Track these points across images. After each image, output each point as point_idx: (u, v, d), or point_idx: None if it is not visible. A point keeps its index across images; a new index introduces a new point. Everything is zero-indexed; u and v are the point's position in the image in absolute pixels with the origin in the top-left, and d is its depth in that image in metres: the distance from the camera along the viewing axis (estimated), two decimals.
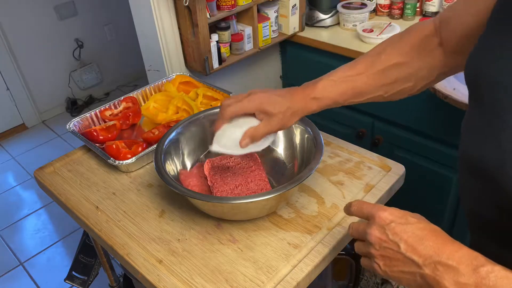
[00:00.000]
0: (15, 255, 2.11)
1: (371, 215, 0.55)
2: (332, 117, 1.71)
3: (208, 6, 1.36)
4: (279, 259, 0.72)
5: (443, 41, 0.68)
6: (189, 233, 0.79)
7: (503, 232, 0.52)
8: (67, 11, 2.95)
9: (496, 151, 0.47)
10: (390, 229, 0.52)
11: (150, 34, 1.42)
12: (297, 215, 0.80)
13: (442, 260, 0.47)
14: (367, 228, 0.55)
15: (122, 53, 3.27)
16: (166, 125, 1.03)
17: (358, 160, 0.92)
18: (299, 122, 0.87)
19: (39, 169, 0.99)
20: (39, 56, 2.93)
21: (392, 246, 0.52)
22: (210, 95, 1.12)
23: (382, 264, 0.54)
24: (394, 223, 0.52)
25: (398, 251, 0.51)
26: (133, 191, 0.90)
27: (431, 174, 1.46)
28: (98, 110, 1.10)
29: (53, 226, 2.26)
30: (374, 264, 0.55)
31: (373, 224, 0.54)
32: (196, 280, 0.70)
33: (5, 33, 2.74)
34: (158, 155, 0.81)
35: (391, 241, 0.52)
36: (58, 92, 3.12)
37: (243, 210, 0.76)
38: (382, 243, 0.53)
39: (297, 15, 1.63)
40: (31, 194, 2.48)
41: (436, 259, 0.48)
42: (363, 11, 1.59)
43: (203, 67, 1.43)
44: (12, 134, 3.01)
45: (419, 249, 0.49)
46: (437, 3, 1.56)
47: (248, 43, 1.54)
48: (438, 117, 1.38)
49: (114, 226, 0.82)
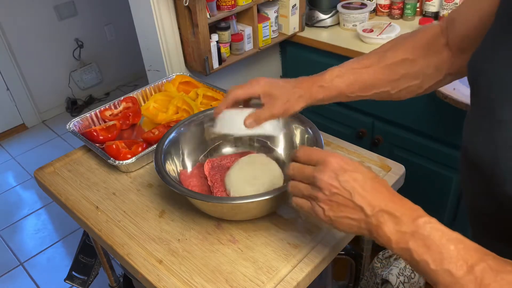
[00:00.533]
0: (15, 255, 2.11)
1: (321, 160, 0.55)
2: (332, 117, 1.71)
3: (208, 6, 1.36)
4: (279, 259, 0.72)
5: (449, 40, 0.69)
6: (189, 233, 0.79)
7: (500, 224, 0.53)
8: (67, 11, 2.95)
9: (490, 145, 0.48)
10: (342, 176, 0.53)
11: (150, 34, 1.42)
12: (297, 215, 0.80)
13: (389, 210, 0.51)
14: (316, 172, 0.55)
15: (122, 53, 3.27)
16: (166, 125, 1.03)
17: (358, 160, 0.92)
18: (299, 122, 0.87)
19: (39, 169, 0.99)
20: (39, 56, 2.93)
21: (343, 193, 0.53)
22: (210, 95, 1.12)
23: (328, 209, 0.55)
24: (346, 171, 0.54)
25: (349, 199, 0.53)
26: (133, 191, 0.90)
27: (431, 174, 1.46)
28: (98, 110, 1.10)
29: (53, 226, 2.26)
30: (317, 208, 0.56)
31: (324, 169, 0.54)
32: (196, 280, 0.70)
33: (5, 33, 2.74)
34: (158, 155, 0.81)
35: (342, 188, 0.53)
36: (58, 92, 3.12)
37: (243, 210, 0.76)
38: (332, 189, 0.53)
39: (297, 15, 1.63)
40: (31, 194, 2.48)
41: (384, 209, 0.51)
42: (363, 11, 1.59)
43: (203, 67, 1.43)
44: (12, 134, 3.01)
45: (370, 198, 0.52)
46: (437, 3, 1.56)
47: (248, 43, 1.54)
48: (438, 117, 1.38)
49: (114, 226, 0.82)
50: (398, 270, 0.77)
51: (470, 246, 0.47)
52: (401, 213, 0.50)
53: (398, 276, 0.76)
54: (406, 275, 0.77)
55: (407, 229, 0.49)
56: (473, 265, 0.45)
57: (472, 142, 0.53)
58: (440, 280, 0.46)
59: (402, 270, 0.78)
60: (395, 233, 0.50)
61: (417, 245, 0.48)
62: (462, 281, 0.45)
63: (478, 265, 0.44)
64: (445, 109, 1.27)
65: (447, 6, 1.52)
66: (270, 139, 0.92)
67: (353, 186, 0.53)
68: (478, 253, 0.46)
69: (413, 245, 0.48)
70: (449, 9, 1.52)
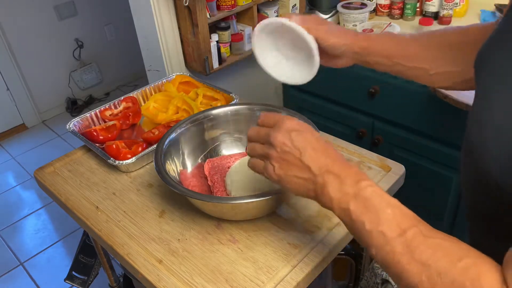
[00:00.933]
0: (15, 255, 2.11)
1: (279, 121, 0.59)
2: (332, 117, 1.71)
3: (208, 6, 1.36)
4: (279, 259, 0.72)
5: None
6: (189, 233, 0.79)
7: (499, 224, 0.54)
8: (67, 11, 2.95)
9: (479, 130, 0.51)
10: (294, 136, 0.56)
11: (150, 34, 1.42)
12: (297, 215, 0.80)
13: (334, 171, 0.54)
14: (271, 131, 0.58)
15: (122, 53, 3.27)
16: (166, 125, 1.03)
17: (358, 160, 0.92)
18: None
19: (39, 169, 0.99)
20: (39, 56, 2.93)
21: (294, 152, 0.56)
22: (210, 95, 1.12)
23: (278, 167, 0.58)
24: (299, 132, 0.57)
25: (298, 158, 0.56)
26: (133, 191, 0.90)
27: (431, 174, 1.46)
28: (98, 110, 1.10)
29: (53, 226, 2.26)
30: (268, 166, 0.59)
31: (278, 129, 0.58)
32: (196, 280, 0.70)
33: (5, 33, 2.74)
34: (158, 155, 0.81)
35: (294, 147, 0.56)
36: (58, 92, 3.12)
37: (243, 210, 0.76)
38: (284, 147, 0.56)
39: None
40: (31, 194, 2.48)
41: (330, 169, 0.54)
42: (363, 11, 1.59)
43: (203, 67, 1.43)
44: (12, 134, 3.01)
45: (318, 159, 0.55)
46: (437, 3, 1.56)
47: (248, 43, 1.54)
48: (438, 117, 1.38)
49: (114, 226, 0.82)
50: None
51: (406, 212, 0.50)
52: (345, 174, 0.53)
53: None
54: None
55: (349, 190, 0.52)
56: (406, 229, 0.48)
57: (469, 133, 0.54)
58: (373, 242, 0.49)
59: None
60: (338, 193, 0.52)
61: (357, 206, 0.51)
62: (392, 242, 0.48)
63: (410, 229, 0.47)
64: (445, 109, 1.27)
65: (447, 6, 1.52)
66: None
67: (303, 146, 0.55)
68: (412, 220, 0.49)
69: (353, 206, 0.51)
70: (449, 9, 1.52)
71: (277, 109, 0.90)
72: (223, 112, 0.93)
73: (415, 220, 0.49)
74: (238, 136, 0.94)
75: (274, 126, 0.59)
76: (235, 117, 0.93)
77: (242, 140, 0.95)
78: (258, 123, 0.63)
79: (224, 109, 0.93)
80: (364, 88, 1.52)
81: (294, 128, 0.57)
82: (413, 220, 0.49)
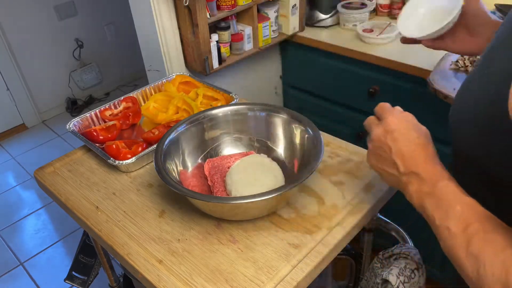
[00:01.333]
0: (15, 255, 2.11)
1: (383, 117, 0.65)
2: (332, 117, 1.71)
3: (208, 6, 1.36)
4: (279, 259, 0.72)
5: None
6: (189, 233, 0.79)
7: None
8: (67, 11, 2.95)
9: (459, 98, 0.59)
10: (391, 135, 0.62)
11: (150, 34, 1.42)
12: (297, 215, 0.80)
13: (418, 172, 0.59)
14: (374, 125, 0.66)
15: (122, 53, 3.28)
16: (166, 125, 1.03)
17: (358, 160, 0.92)
18: (299, 122, 0.87)
19: (39, 169, 0.99)
20: (39, 56, 2.93)
21: (386, 149, 0.62)
22: (210, 95, 1.12)
23: (371, 157, 0.66)
24: (397, 132, 0.62)
25: (388, 155, 0.62)
26: (133, 191, 0.90)
27: None
28: (98, 110, 1.10)
29: (53, 226, 2.26)
30: (368, 152, 0.67)
31: (380, 125, 0.65)
32: (196, 280, 0.70)
33: (5, 33, 2.75)
34: (158, 155, 0.81)
35: (387, 145, 0.62)
36: (58, 92, 3.12)
37: (243, 210, 0.76)
38: (379, 143, 0.64)
39: (297, 15, 1.63)
40: (31, 194, 2.48)
41: (414, 170, 0.59)
42: (363, 11, 1.59)
43: (203, 67, 1.43)
44: (12, 134, 3.01)
45: (405, 159, 0.60)
46: None
47: (248, 43, 1.54)
48: (438, 117, 1.37)
49: (114, 226, 0.82)
50: (398, 270, 0.77)
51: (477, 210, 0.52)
52: (427, 175, 0.58)
53: (398, 276, 0.76)
54: (406, 275, 0.77)
55: (426, 189, 0.57)
56: (469, 224, 0.51)
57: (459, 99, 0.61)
58: (441, 236, 0.54)
59: (402, 270, 0.78)
60: (417, 192, 0.58)
61: (430, 203, 0.56)
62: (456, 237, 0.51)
63: (473, 224, 0.50)
64: (445, 109, 1.27)
65: None
66: (270, 139, 0.92)
67: (396, 146, 0.61)
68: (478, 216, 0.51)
69: (427, 203, 0.56)
70: None
71: (277, 109, 0.90)
72: (223, 112, 0.93)
73: (483, 217, 0.51)
74: (238, 136, 0.94)
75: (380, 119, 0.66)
76: (235, 117, 0.93)
77: (242, 140, 0.95)
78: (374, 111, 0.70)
79: (224, 109, 0.93)
80: (364, 88, 1.52)
81: (393, 128, 0.63)
82: (480, 217, 0.51)
